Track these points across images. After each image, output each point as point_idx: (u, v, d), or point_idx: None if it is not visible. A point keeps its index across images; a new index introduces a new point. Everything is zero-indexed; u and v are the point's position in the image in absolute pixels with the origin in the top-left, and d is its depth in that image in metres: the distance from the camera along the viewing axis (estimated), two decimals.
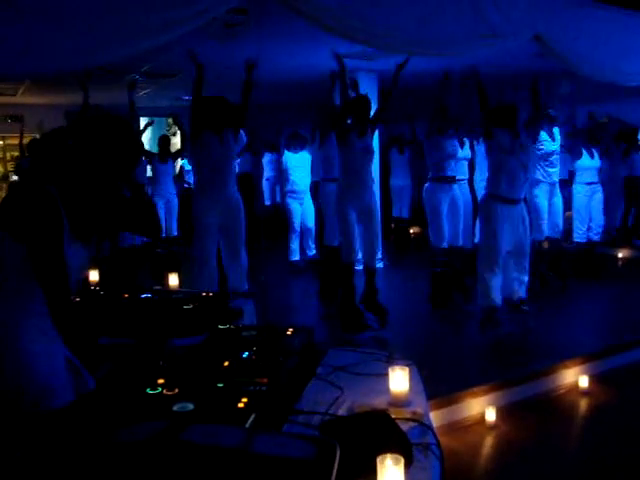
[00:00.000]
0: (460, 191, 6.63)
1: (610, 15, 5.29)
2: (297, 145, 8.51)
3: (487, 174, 5.44)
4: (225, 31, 5.40)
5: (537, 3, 4.76)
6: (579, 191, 7.97)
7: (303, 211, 8.66)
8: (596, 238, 8.02)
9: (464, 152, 6.96)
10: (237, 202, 5.25)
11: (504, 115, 5.14)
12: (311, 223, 8.74)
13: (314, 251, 8.83)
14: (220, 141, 5.04)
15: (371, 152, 5.60)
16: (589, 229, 7.96)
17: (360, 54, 6.90)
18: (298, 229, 8.66)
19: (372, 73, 8.13)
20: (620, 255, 9.09)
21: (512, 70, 6.78)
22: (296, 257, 8.81)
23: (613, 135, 9.24)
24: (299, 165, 8.56)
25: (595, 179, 7.89)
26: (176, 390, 1.87)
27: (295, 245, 8.77)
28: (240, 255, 5.27)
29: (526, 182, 5.33)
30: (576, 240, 8.04)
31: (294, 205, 8.61)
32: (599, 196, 7.94)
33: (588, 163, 7.84)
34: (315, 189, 8.47)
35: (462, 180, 6.87)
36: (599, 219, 7.99)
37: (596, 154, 7.85)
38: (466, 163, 7.07)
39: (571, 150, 7.95)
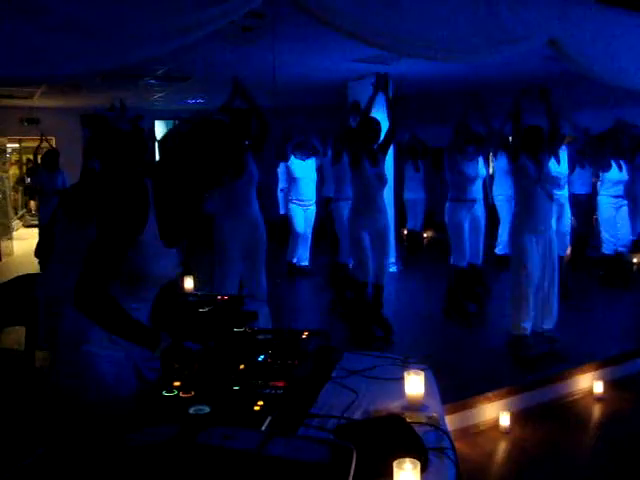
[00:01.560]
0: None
1: (625, 19, 5.25)
2: (304, 153, 8.47)
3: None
4: (242, 35, 5.42)
5: (551, 7, 4.74)
6: (605, 202, 7.86)
7: (306, 217, 8.63)
8: (623, 250, 7.93)
9: (480, 171, 6.87)
10: (259, 223, 5.25)
11: (529, 140, 5.02)
12: (309, 231, 8.71)
13: (307, 262, 8.81)
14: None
15: (384, 180, 5.57)
16: (617, 240, 7.86)
17: (373, 58, 6.91)
18: (301, 232, 8.62)
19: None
20: (635, 260, 9.02)
21: (523, 75, 6.76)
22: (293, 259, 8.76)
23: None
24: (305, 174, 8.54)
25: (621, 192, 7.76)
26: (192, 393, 1.88)
27: (296, 248, 8.73)
28: (260, 277, 5.28)
29: (553, 210, 5.27)
30: (605, 252, 7.94)
31: (297, 210, 8.58)
32: (625, 209, 7.82)
33: (617, 176, 7.70)
34: (326, 204, 8.45)
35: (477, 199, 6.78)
36: (626, 231, 7.88)
37: (624, 166, 7.72)
38: (481, 182, 6.95)
39: (597, 162, 7.81)
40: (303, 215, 8.60)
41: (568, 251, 6.96)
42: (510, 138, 5.48)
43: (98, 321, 1.97)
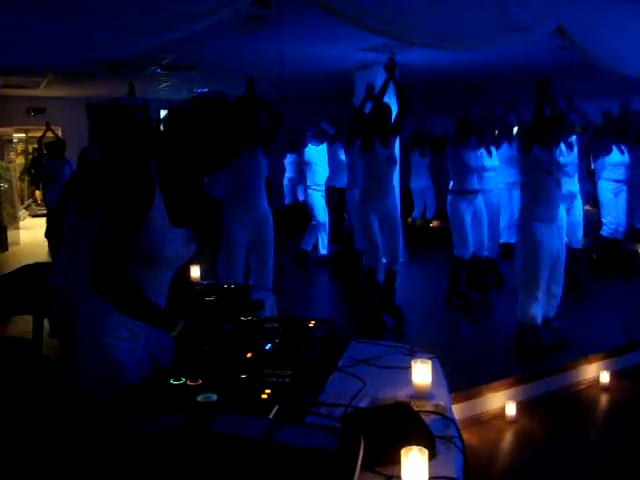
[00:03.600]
0: (485, 201, 6.50)
1: (634, 7, 5.22)
2: (318, 138, 8.50)
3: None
4: (248, 24, 5.40)
5: None
6: (605, 187, 7.85)
7: (324, 205, 8.60)
8: (617, 236, 7.92)
9: (492, 161, 6.81)
10: (267, 216, 5.25)
11: (542, 130, 4.93)
12: (326, 219, 8.72)
13: (326, 251, 8.82)
14: (249, 156, 5.01)
15: (394, 162, 5.57)
16: (617, 225, 7.85)
17: (380, 47, 6.88)
18: (321, 222, 8.59)
19: None
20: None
21: (532, 65, 6.71)
22: (309, 248, 8.73)
23: None
24: (320, 160, 8.55)
25: (622, 176, 7.74)
26: (199, 381, 1.88)
27: (311, 238, 8.70)
28: (267, 268, 5.28)
29: (561, 199, 5.24)
30: (605, 235, 7.93)
31: (317, 197, 8.56)
32: (624, 195, 7.81)
33: (618, 159, 7.69)
34: (330, 193, 8.44)
35: (490, 191, 6.74)
36: (623, 217, 7.87)
37: (625, 150, 7.70)
38: (495, 174, 6.89)
39: (599, 148, 7.79)
40: (322, 203, 8.58)
41: (581, 244, 6.93)
42: (515, 129, 5.45)
43: (117, 304, 1.97)
